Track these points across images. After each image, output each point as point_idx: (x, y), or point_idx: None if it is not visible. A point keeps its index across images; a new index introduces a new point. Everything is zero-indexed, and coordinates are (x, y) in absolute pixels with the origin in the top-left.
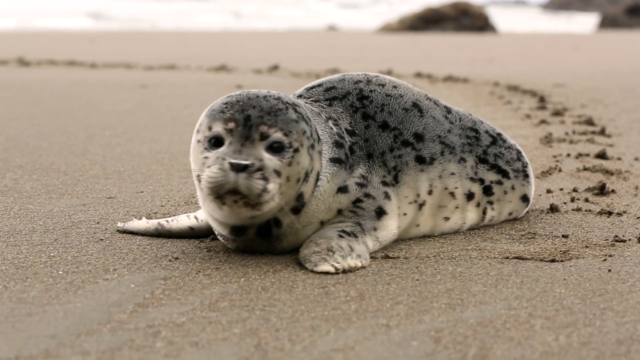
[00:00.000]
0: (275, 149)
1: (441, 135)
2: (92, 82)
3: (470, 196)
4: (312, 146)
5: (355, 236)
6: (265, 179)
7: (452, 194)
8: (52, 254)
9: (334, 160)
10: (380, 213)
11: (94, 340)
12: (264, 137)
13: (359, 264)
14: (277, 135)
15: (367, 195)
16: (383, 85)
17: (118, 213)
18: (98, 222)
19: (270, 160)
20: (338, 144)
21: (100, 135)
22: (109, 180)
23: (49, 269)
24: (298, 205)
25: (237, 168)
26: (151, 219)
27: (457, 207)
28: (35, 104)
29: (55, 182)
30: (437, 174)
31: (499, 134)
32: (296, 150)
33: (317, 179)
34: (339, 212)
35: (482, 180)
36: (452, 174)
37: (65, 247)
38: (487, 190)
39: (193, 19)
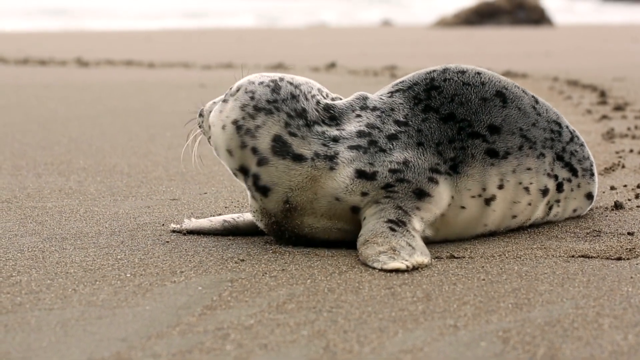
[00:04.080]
0: None
1: (523, 128)
2: (151, 82)
3: (545, 192)
4: (253, 116)
5: (403, 223)
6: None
7: (526, 189)
8: (119, 257)
9: (352, 147)
10: (421, 195)
11: (164, 343)
12: None
13: (426, 260)
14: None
15: (401, 180)
16: (463, 73)
17: (182, 215)
18: (163, 224)
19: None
20: (360, 134)
21: (162, 135)
22: (172, 181)
23: (117, 271)
24: (259, 159)
25: None
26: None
27: (529, 204)
28: (96, 104)
29: (119, 184)
30: (510, 168)
31: (574, 130)
32: (200, 115)
33: (283, 144)
34: (364, 194)
35: (556, 177)
36: (529, 169)
37: (132, 249)
38: (559, 187)
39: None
